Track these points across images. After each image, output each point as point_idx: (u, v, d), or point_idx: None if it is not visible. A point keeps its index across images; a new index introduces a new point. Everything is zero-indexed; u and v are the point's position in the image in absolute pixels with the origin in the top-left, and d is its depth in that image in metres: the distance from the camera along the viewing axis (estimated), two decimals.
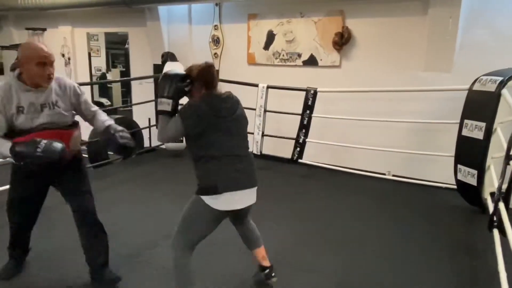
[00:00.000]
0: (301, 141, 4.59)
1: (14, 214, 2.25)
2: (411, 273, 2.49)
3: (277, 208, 3.51)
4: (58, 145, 1.89)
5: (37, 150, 1.83)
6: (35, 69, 1.92)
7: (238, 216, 2.11)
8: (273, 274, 2.20)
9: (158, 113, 1.94)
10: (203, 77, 1.92)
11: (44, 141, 1.86)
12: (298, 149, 4.63)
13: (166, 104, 1.90)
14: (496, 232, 2.39)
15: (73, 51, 7.02)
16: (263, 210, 3.46)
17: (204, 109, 1.86)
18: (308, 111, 4.48)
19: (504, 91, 2.98)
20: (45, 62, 1.93)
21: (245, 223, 2.19)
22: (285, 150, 4.70)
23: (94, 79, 7.38)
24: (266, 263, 2.21)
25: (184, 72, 1.98)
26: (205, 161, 1.87)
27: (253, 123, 4.79)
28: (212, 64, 1.97)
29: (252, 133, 4.87)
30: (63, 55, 7.11)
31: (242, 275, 2.42)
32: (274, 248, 2.79)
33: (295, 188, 4.06)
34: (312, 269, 2.52)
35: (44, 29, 7.31)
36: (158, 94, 1.94)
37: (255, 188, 2.00)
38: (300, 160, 4.65)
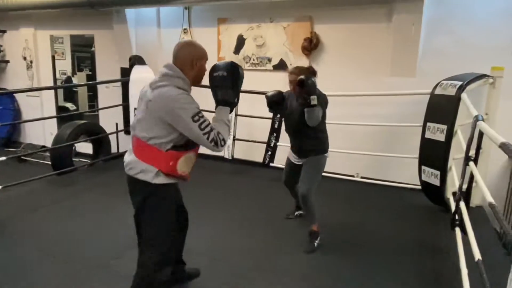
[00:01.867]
0: (272, 145, 4.61)
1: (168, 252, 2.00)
2: (378, 271, 2.55)
3: (247, 212, 3.50)
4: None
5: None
6: (205, 67, 1.91)
7: None
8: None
9: (313, 106, 2.46)
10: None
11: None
12: (269, 153, 4.65)
13: (315, 99, 2.45)
14: (458, 230, 2.49)
15: (35, 54, 6.75)
16: (233, 213, 3.45)
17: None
18: (278, 115, 4.50)
19: (464, 95, 3.12)
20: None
21: None
22: (257, 154, 4.71)
23: (58, 83, 7.11)
24: None
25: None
26: (325, 131, 2.82)
27: None
28: None
29: None
30: (24, 58, 6.83)
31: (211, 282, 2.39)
32: (242, 251, 2.78)
33: (266, 192, 4.07)
34: (282, 271, 2.52)
35: (4, 31, 7.00)
36: (311, 93, 2.43)
37: None
38: (271, 164, 4.66)
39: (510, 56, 3.67)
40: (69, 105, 7.66)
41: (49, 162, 4.85)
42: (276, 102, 2.81)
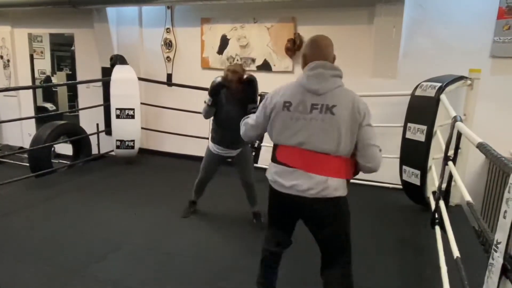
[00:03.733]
0: (256, 145, 4.61)
1: None
2: (360, 269, 2.56)
3: (231, 212, 3.49)
4: None
5: None
6: None
7: None
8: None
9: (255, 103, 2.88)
10: None
11: None
12: (253, 153, 4.64)
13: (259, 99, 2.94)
14: (437, 228, 2.54)
15: (12, 53, 6.56)
16: (217, 214, 3.43)
17: None
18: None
19: (443, 96, 3.18)
20: None
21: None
22: None
23: (37, 83, 6.93)
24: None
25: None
26: None
27: (208, 128, 4.73)
28: None
29: (207, 138, 4.80)
30: (1, 57, 6.63)
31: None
32: (224, 251, 2.77)
33: None
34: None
35: None
36: (257, 92, 2.92)
37: None
38: (255, 165, 4.66)
39: (487, 58, 3.78)
40: (49, 105, 7.47)
41: (27, 164, 4.72)
42: (223, 87, 2.91)
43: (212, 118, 3.10)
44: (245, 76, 2.83)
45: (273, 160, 1.78)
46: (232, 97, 2.91)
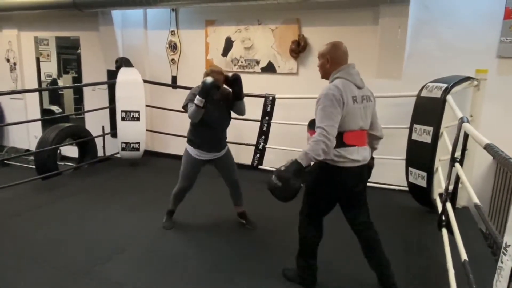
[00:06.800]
0: (260, 147, 4.61)
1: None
2: (366, 272, 2.55)
3: (234, 214, 3.48)
4: None
5: None
6: None
7: None
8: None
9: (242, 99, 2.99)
10: None
11: None
12: (258, 155, 4.64)
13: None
14: (444, 231, 2.51)
15: (19, 56, 6.62)
16: (222, 216, 3.42)
17: None
18: (267, 117, 4.50)
19: (449, 97, 3.16)
20: None
21: None
22: (245, 157, 4.69)
23: (44, 85, 6.99)
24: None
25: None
26: None
27: None
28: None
29: None
30: (8, 60, 6.70)
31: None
32: (229, 253, 2.76)
33: (254, 194, 4.04)
34: (270, 273, 2.51)
35: None
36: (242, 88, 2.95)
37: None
38: (260, 166, 4.65)
39: (493, 59, 3.74)
40: (55, 108, 7.53)
41: (33, 166, 4.75)
42: (216, 87, 2.78)
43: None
44: (230, 74, 2.88)
45: (340, 145, 2.09)
46: (217, 98, 2.88)
